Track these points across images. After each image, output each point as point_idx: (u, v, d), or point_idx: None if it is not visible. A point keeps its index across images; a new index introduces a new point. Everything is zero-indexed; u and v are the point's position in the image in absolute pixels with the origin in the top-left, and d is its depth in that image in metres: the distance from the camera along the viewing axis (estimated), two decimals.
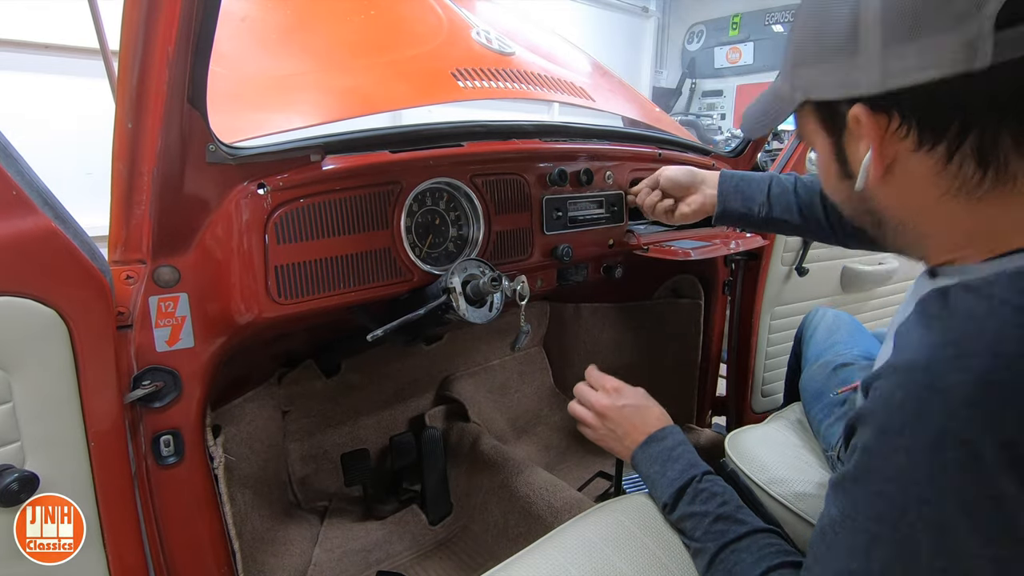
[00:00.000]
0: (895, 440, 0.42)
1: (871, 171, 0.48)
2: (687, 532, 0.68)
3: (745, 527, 0.64)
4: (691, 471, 0.71)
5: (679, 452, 0.75)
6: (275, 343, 1.21)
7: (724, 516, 0.65)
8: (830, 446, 0.93)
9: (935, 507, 0.40)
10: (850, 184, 0.51)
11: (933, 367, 0.42)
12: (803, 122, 0.55)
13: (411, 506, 1.44)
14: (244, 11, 0.96)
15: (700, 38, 6.84)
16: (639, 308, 1.72)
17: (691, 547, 0.67)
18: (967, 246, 0.48)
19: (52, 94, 2.56)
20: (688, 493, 0.69)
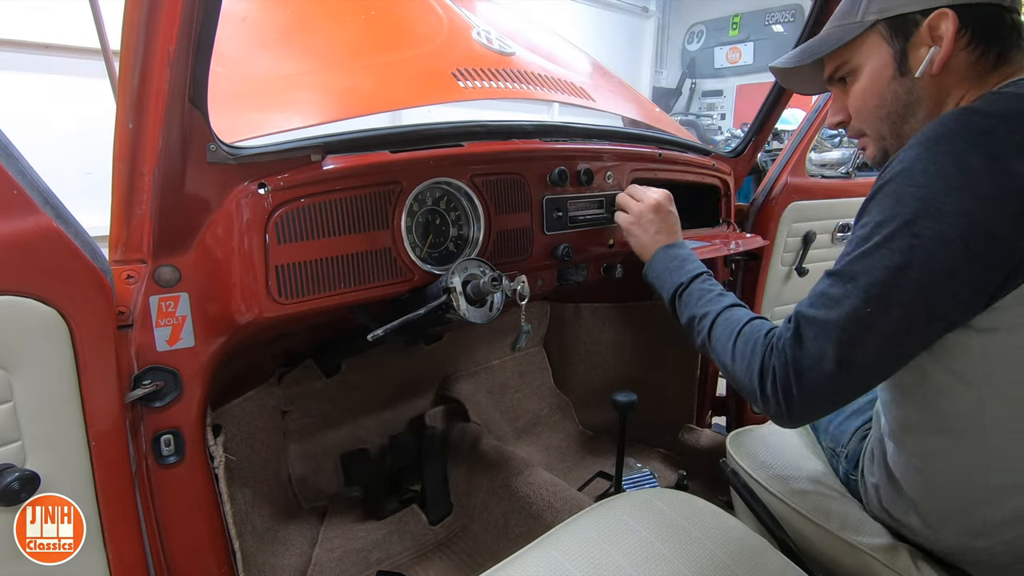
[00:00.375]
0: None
1: (935, 62, 0.66)
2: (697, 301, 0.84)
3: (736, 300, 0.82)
4: (703, 268, 0.90)
5: (693, 258, 0.93)
6: (275, 343, 1.21)
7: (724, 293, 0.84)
8: (839, 444, 0.94)
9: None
10: (902, 81, 0.70)
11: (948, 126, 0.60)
12: (861, 43, 0.72)
13: (411, 506, 1.44)
14: (245, 11, 0.96)
15: (700, 38, 6.85)
16: (639, 308, 1.72)
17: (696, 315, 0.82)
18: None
19: (53, 94, 2.57)
20: (700, 279, 0.87)
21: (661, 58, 7.10)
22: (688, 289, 0.86)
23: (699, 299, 0.83)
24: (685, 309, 0.85)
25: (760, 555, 0.75)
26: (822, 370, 0.63)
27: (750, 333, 0.72)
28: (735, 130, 5.34)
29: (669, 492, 0.86)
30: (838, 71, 0.76)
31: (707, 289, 0.84)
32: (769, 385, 0.67)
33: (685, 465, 1.61)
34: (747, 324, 0.74)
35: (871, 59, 0.71)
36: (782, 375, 0.65)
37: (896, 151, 0.71)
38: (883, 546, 0.80)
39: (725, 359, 0.75)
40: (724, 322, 0.77)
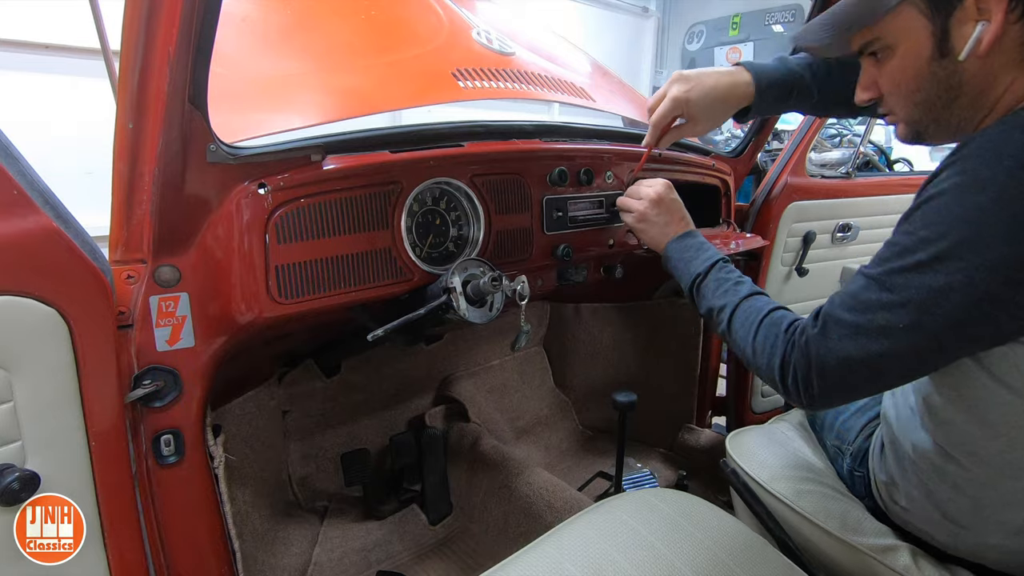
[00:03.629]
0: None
1: (984, 42, 0.58)
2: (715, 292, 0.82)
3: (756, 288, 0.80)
4: (719, 256, 0.88)
5: (707, 246, 0.91)
6: (275, 343, 1.21)
7: (742, 281, 0.82)
8: (845, 441, 0.94)
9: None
10: (942, 63, 0.62)
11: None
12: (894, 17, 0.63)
13: (411, 506, 1.44)
14: (245, 11, 0.96)
15: (700, 38, 6.84)
16: (639, 308, 1.72)
17: (715, 306, 0.81)
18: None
19: (53, 94, 2.56)
20: (717, 267, 0.85)
21: (661, 58, 7.09)
22: (705, 280, 0.84)
23: (716, 289, 0.82)
24: (703, 300, 0.84)
25: (760, 555, 0.75)
26: (845, 371, 0.63)
27: (770, 326, 0.72)
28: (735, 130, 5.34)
29: (669, 492, 0.86)
30: (868, 46, 0.68)
31: (724, 278, 0.83)
32: (791, 380, 0.67)
33: (685, 465, 1.61)
34: (766, 316, 0.73)
35: (906, 37, 0.63)
36: (803, 373, 0.65)
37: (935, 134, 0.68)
38: (883, 546, 0.80)
39: (746, 352, 0.74)
40: (743, 314, 0.76)
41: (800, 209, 1.51)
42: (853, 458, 0.91)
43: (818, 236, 1.56)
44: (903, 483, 0.79)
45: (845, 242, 1.62)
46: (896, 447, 0.79)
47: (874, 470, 0.86)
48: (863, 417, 0.93)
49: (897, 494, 0.80)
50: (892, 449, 0.80)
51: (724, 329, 0.79)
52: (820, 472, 0.95)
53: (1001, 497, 0.69)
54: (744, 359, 0.75)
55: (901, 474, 0.79)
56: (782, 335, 0.69)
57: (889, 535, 0.82)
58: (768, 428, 1.09)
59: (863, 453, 0.89)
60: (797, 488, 0.92)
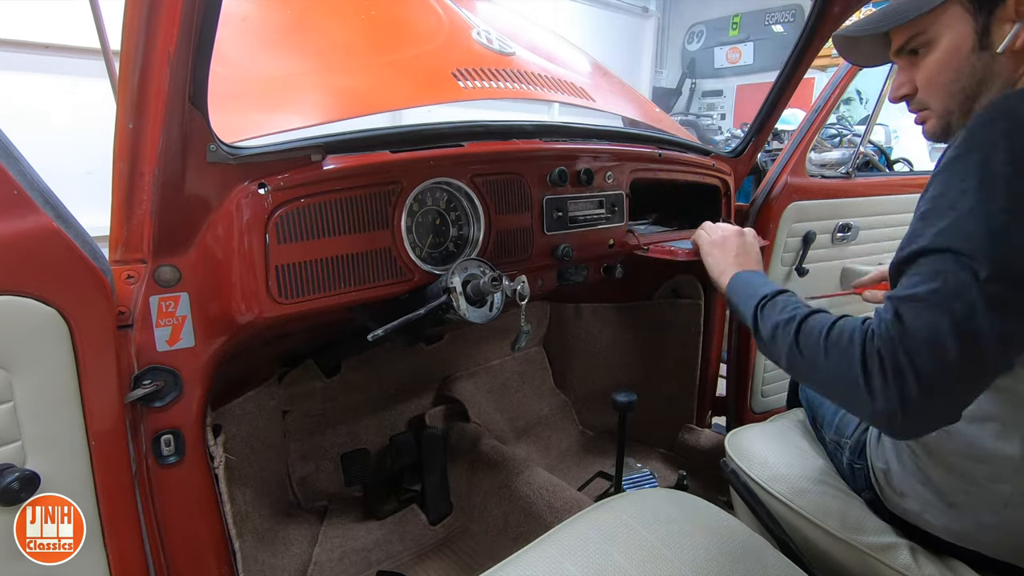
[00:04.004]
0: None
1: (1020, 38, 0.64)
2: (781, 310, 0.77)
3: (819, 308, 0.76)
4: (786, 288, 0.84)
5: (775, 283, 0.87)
6: (275, 343, 1.21)
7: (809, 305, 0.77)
8: (843, 435, 0.94)
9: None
10: (981, 56, 0.67)
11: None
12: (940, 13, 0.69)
13: (411, 506, 1.44)
14: (245, 11, 0.96)
15: (700, 38, 6.84)
16: (639, 308, 1.72)
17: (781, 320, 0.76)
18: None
19: (53, 94, 2.56)
20: (785, 293, 0.81)
21: (661, 58, 7.09)
22: (772, 300, 0.80)
23: (783, 307, 0.77)
24: (769, 318, 0.78)
25: (760, 555, 0.75)
26: (939, 347, 0.56)
27: (842, 328, 0.65)
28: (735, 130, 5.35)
29: (669, 492, 0.87)
30: (911, 42, 0.73)
31: (791, 300, 0.78)
32: (877, 375, 0.58)
33: (685, 465, 1.61)
34: (836, 322, 0.67)
35: (950, 31, 0.69)
36: (891, 360, 0.57)
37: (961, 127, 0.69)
38: (883, 544, 0.80)
39: (816, 357, 0.66)
40: (813, 322, 0.70)
41: (800, 209, 1.51)
42: (852, 451, 0.91)
43: (818, 236, 1.56)
44: (899, 468, 0.80)
45: (845, 242, 1.62)
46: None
47: (872, 459, 0.86)
48: None
49: (894, 480, 0.81)
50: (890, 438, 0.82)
51: (791, 342, 0.71)
52: (820, 471, 0.95)
53: (992, 471, 0.70)
54: (813, 372, 0.68)
55: (897, 459, 0.80)
56: (858, 329, 0.63)
57: (889, 533, 0.82)
58: (768, 427, 1.10)
59: (861, 446, 0.90)
60: (797, 487, 0.92)
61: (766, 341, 0.77)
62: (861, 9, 1.22)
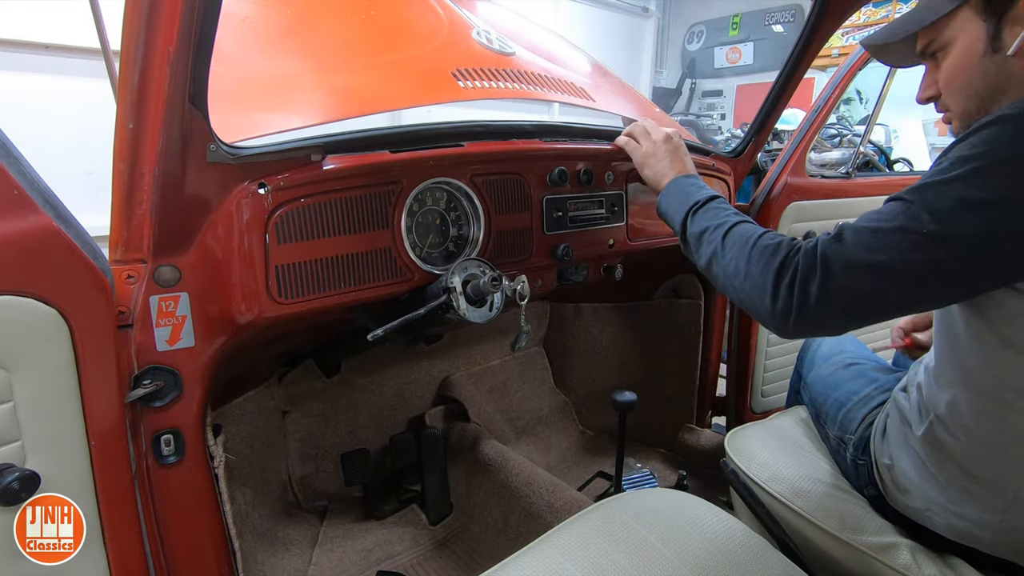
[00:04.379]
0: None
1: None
2: (709, 218, 0.81)
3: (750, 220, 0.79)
4: (719, 194, 0.88)
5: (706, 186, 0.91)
6: (275, 343, 1.21)
7: (740, 212, 0.81)
8: (847, 432, 0.95)
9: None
10: (993, 59, 0.68)
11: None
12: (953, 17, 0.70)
13: (411, 506, 1.44)
14: (245, 11, 0.96)
15: (700, 38, 6.84)
16: (639, 308, 1.72)
17: (710, 226, 0.80)
18: None
19: (53, 94, 2.56)
20: (718, 199, 0.86)
21: (661, 58, 7.09)
22: (705, 207, 0.84)
23: (714, 215, 0.81)
24: (697, 223, 0.82)
25: (760, 555, 0.75)
26: (851, 276, 0.61)
27: (772, 237, 0.70)
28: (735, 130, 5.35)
29: (669, 492, 0.87)
30: (929, 46, 0.74)
31: (724, 207, 0.82)
32: (785, 283, 0.64)
33: (685, 465, 1.61)
34: (767, 232, 0.72)
35: (962, 35, 0.70)
36: (804, 272, 0.63)
37: None
38: (883, 544, 0.80)
39: (738, 262, 0.72)
40: (741, 229, 0.75)
41: (800, 209, 1.51)
42: (856, 447, 0.91)
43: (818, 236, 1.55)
44: (904, 464, 0.80)
45: None
46: (903, 428, 0.81)
47: (876, 454, 0.87)
48: (865, 407, 0.94)
49: (899, 477, 0.81)
50: (899, 430, 0.82)
51: (716, 246, 0.77)
52: (820, 470, 0.95)
53: (998, 469, 0.71)
54: (731, 275, 0.73)
55: (904, 455, 0.80)
56: (785, 242, 0.68)
57: (889, 532, 0.82)
58: (768, 426, 1.10)
59: (865, 442, 0.90)
60: (797, 487, 0.92)
61: (691, 243, 0.83)
62: (861, 9, 1.22)
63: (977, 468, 0.72)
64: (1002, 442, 0.69)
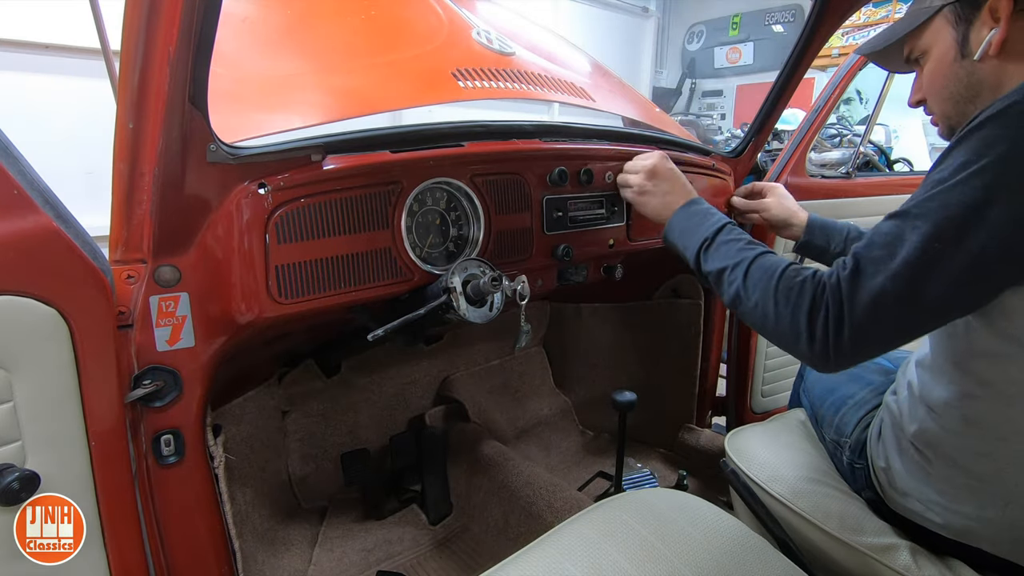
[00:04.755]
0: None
1: (993, 44, 0.67)
2: (724, 255, 0.80)
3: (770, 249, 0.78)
4: (726, 220, 0.86)
5: (714, 211, 0.89)
6: (275, 343, 1.21)
7: (752, 242, 0.80)
8: (843, 435, 0.95)
9: None
10: (963, 64, 0.71)
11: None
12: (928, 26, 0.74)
13: (411, 506, 1.44)
14: (245, 11, 0.96)
15: (700, 38, 6.84)
16: (639, 308, 1.72)
17: (728, 265, 0.78)
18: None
19: (53, 94, 2.56)
20: (724, 231, 0.83)
21: (661, 58, 7.09)
22: (714, 242, 0.82)
23: (728, 250, 0.80)
24: (712, 262, 0.81)
25: (760, 555, 0.75)
26: (881, 304, 0.61)
27: (793, 275, 0.69)
28: (735, 130, 5.35)
29: (669, 492, 0.86)
30: (911, 53, 0.78)
31: (735, 239, 0.80)
32: (820, 324, 0.64)
33: (685, 465, 1.61)
34: (789, 267, 0.71)
35: (937, 42, 0.74)
36: (835, 310, 0.63)
37: None
38: (883, 545, 0.80)
39: (766, 303, 0.70)
40: (761, 267, 0.74)
41: None
42: (852, 450, 0.91)
43: None
44: (900, 467, 0.80)
45: None
46: (895, 431, 0.81)
47: (872, 457, 0.87)
48: (860, 411, 0.94)
49: (895, 479, 0.81)
50: (891, 433, 0.82)
51: (739, 286, 0.75)
52: (820, 471, 0.95)
53: (996, 467, 0.71)
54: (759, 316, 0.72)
55: (899, 457, 0.80)
56: (810, 279, 0.67)
57: (889, 533, 0.82)
58: (768, 427, 1.10)
59: (861, 444, 0.90)
60: (797, 488, 0.92)
61: (711, 282, 0.82)
62: (861, 8, 1.22)
63: (975, 463, 0.72)
64: (1003, 436, 0.69)
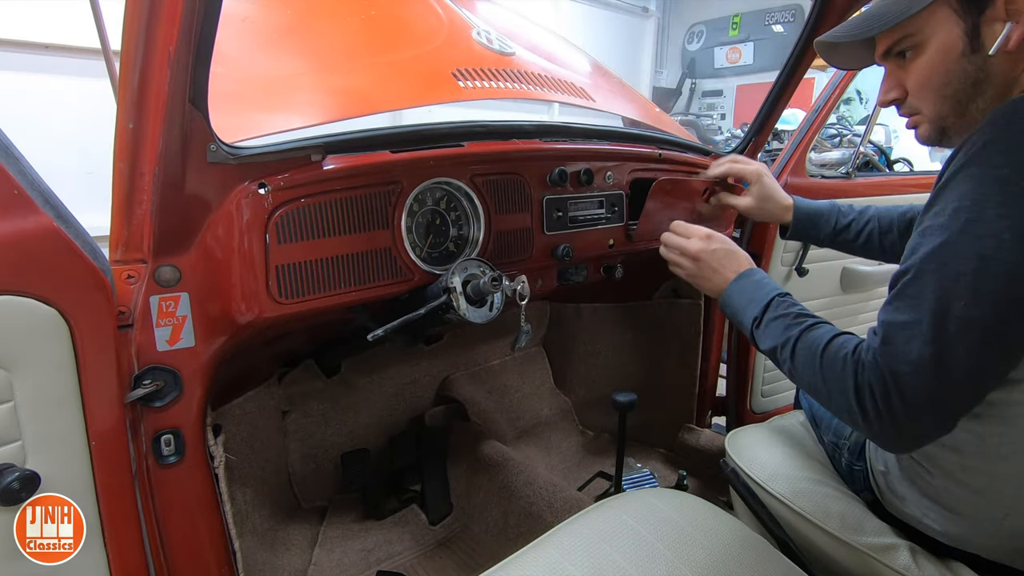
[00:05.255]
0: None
1: (1012, 39, 0.61)
2: (774, 332, 0.77)
3: (817, 319, 0.75)
4: (776, 291, 0.82)
5: (765, 282, 0.86)
6: (275, 343, 1.21)
7: (801, 314, 0.77)
8: (841, 437, 0.94)
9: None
10: (972, 59, 0.64)
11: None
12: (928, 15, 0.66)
13: (411, 506, 1.44)
14: (245, 12, 0.96)
15: (700, 38, 6.85)
16: (639, 308, 1.72)
17: (776, 345, 0.76)
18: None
19: (53, 94, 2.56)
20: (772, 306, 0.80)
21: (661, 58, 7.10)
22: (762, 321, 0.80)
23: (776, 328, 0.77)
24: (764, 342, 0.79)
25: (760, 555, 0.75)
26: (922, 375, 0.58)
27: (834, 353, 0.67)
28: (735, 130, 5.35)
29: (669, 492, 0.87)
30: (897, 45, 0.70)
31: (781, 314, 0.78)
32: (870, 404, 0.61)
33: (685, 465, 1.61)
34: (829, 344, 0.68)
35: (938, 33, 0.66)
36: (881, 391, 0.60)
37: (958, 131, 0.69)
38: (883, 545, 0.80)
39: (817, 386, 0.69)
40: (804, 349, 0.71)
41: None
42: (851, 452, 0.91)
43: None
44: (898, 473, 0.80)
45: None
46: None
47: (871, 460, 0.86)
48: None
49: (893, 484, 0.81)
50: None
51: (790, 368, 0.74)
52: (820, 471, 0.95)
53: (991, 481, 0.70)
54: (817, 396, 0.70)
55: (897, 463, 0.80)
56: (849, 358, 0.65)
57: (889, 533, 0.82)
58: (768, 427, 1.10)
59: (860, 447, 0.90)
60: (797, 488, 0.92)
61: (769, 358, 0.79)
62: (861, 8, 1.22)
63: (972, 478, 0.71)
64: (1004, 455, 0.68)
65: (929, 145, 0.73)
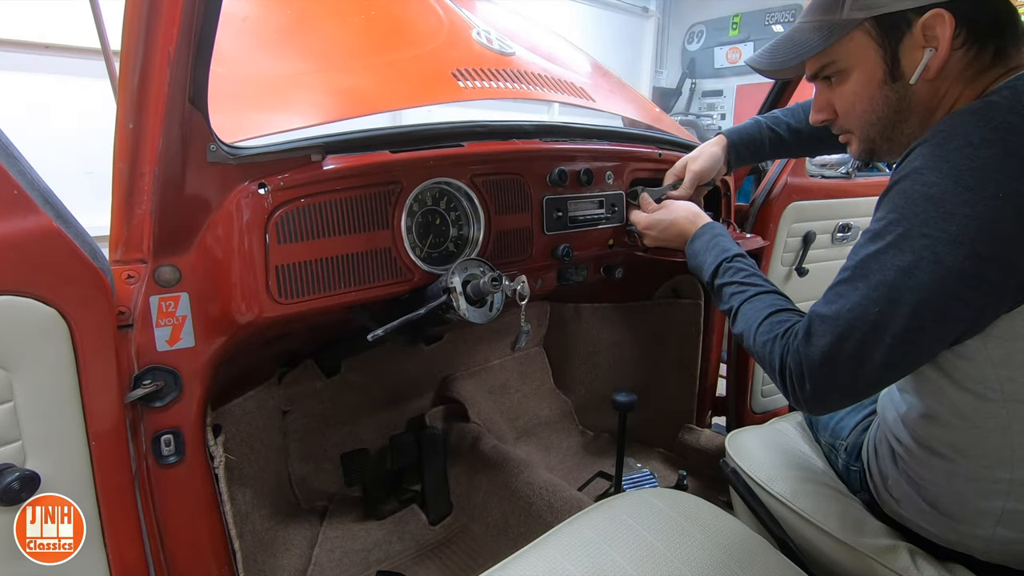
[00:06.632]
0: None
1: (932, 68, 0.63)
2: (723, 298, 0.85)
3: (757, 288, 0.81)
4: (722, 255, 0.89)
5: (714, 243, 0.92)
6: (275, 343, 1.21)
7: (743, 282, 0.83)
8: (838, 438, 0.95)
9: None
10: (894, 87, 0.66)
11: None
12: (846, 42, 0.67)
13: (411, 506, 1.44)
14: (245, 11, 0.96)
15: (700, 38, 6.84)
16: (639, 308, 1.72)
17: (725, 308, 0.85)
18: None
19: (53, 94, 2.56)
20: (721, 270, 0.87)
21: (661, 58, 7.09)
22: (713, 287, 0.88)
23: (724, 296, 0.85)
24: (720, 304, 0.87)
25: (760, 555, 0.75)
26: (830, 367, 0.64)
27: (768, 332, 0.73)
28: None
29: (669, 492, 0.87)
30: (823, 70, 0.71)
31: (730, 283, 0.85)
32: (788, 383, 0.69)
33: (685, 465, 1.61)
34: (764, 321, 0.75)
35: (859, 62, 0.67)
36: (796, 374, 0.67)
37: (887, 152, 0.72)
38: (882, 546, 0.80)
39: (751, 346, 0.77)
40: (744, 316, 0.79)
41: (800, 209, 1.51)
42: (848, 453, 0.91)
43: (818, 236, 1.56)
44: (895, 476, 0.80)
45: (845, 242, 1.62)
46: (888, 442, 0.80)
47: (869, 462, 0.86)
48: (857, 415, 0.94)
49: (890, 486, 0.81)
50: (885, 441, 0.81)
51: (736, 332, 0.81)
52: (819, 472, 0.95)
53: (983, 489, 0.70)
54: (758, 362, 0.77)
55: (893, 467, 0.80)
56: (778, 340, 0.71)
57: (888, 535, 0.82)
58: (768, 428, 1.10)
59: (858, 449, 0.90)
60: (796, 488, 0.92)
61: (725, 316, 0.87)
62: None
63: (963, 486, 0.71)
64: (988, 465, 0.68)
65: (862, 161, 0.77)
